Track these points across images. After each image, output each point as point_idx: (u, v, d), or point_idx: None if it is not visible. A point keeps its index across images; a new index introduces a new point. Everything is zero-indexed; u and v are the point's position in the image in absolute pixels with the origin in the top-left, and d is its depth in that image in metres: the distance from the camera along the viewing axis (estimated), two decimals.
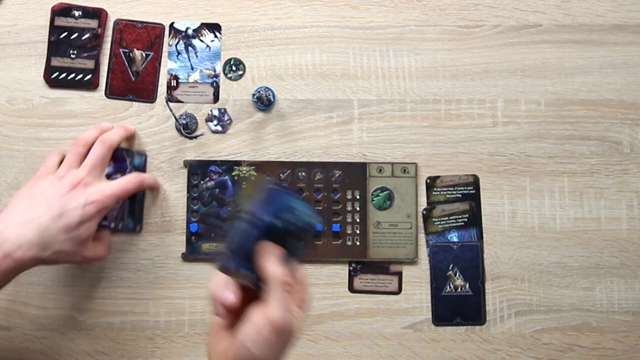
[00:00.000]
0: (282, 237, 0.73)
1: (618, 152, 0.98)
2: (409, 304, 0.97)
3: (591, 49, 0.99)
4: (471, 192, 0.98)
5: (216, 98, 0.98)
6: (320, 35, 0.99)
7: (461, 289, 0.97)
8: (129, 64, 0.98)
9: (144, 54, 0.98)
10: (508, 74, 0.98)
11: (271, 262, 0.71)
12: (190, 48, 0.98)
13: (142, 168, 0.95)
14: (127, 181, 0.90)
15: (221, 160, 0.97)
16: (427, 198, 0.98)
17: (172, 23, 0.99)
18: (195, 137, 0.98)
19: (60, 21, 0.98)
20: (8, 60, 0.98)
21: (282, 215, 0.73)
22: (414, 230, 0.97)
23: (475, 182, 0.98)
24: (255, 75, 0.98)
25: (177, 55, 0.98)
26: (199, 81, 0.98)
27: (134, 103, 0.98)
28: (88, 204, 0.86)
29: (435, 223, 0.97)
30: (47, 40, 0.98)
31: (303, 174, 0.97)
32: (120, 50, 0.98)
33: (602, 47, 0.99)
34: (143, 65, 0.98)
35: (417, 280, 0.97)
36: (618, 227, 0.97)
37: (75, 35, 0.98)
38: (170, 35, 0.99)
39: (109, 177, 0.92)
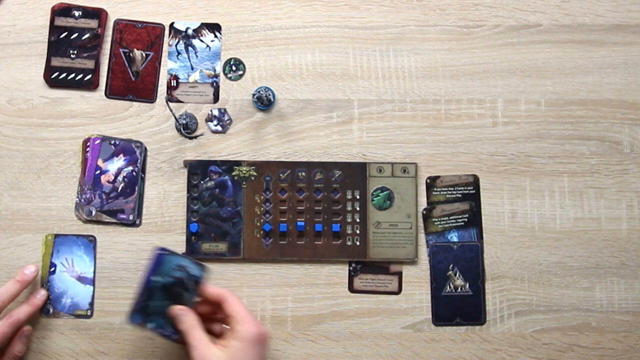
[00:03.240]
0: (177, 291, 0.89)
1: (618, 152, 0.98)
2: (409, 304, 0.97)
3: (591, 49, 0.99)
4: (471, 192, 0.98)
5: (216, 98, 0.98)
6: (320, 35, 0.99)
7: (461, 289, 0.97)
8: (129, 64, 0.98)
9: (144, 54, 0.98)
10: (508, 74, 0.98)
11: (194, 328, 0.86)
12: (190, 48, 0.98)
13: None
14: (0, 327, 0.89)
15: (221, 160, 0.97)
16: (427, 198, 0.98)
17: (172, 23, 0.99)
18: (195, 137, 0.98)
19: (60, 21, 0.98)
20: (8, 60, 0.98)
21: (173, 274, 0.89)
22: (414, 230, 0.97)
23: (475, 182, 0.98)
24: (255, 75, 0.98)
25: (177, 55, 0.98)
26: (199, 81, 0.98)
27: (134, 103, 0.98)
28: None
29: (435, 223, 0.97)
30: (47, 40, 0.98)
31: (303, 174, 0.97)
32: (120, 50, 0.98)
33: (602, 47, 0.99)
34: (143, 65, 0.98)
35: (417, 280, 0.97)
36: (618, 227, 0.97)
37: (75, 35, 0.98)
38: (170, 35, 0.99)
39: (121, 170, 0.94)
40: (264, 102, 0.97)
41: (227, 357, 0.83)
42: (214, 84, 0.98)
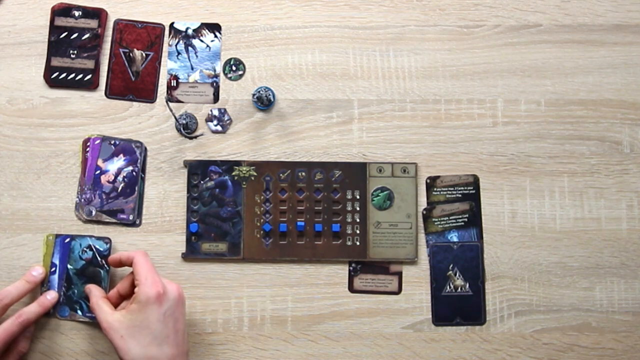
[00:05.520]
0: (92, 271, 0.94)
1: (618, 152, 0.98)
2: (409, 304, 0.97)
3: (591, 49, 0.99)
4: (471, 192, 0.98)
5: (216, 98, 0.98)
6: (320, 35, 0.99)
7: (461, 289, 0.97)
8: (129, 64, 0.98)
9: (144, 54, 0.98)
10: (508, 74, 0.98)
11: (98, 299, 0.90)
12: (190, 48, 0.98)
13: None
14: (9, 325, 0.89)
15: (221, 160, 0.97)
16: (427, 198, 0.98)
17: (172, 23, 0.99)
18: (195, 137, 0.98)
19: (60, 21, 0.98)
20: (8, 60, 0.98)
21: (83, 256, 0.93)
22: (414, 230, 0.97)
23: (475, 182, 0.98)
24: (255, 75, 0.98)
25: (177, 55, 0.98)
26: (199, 81, 0.98)
27: (134, 103, 0.98)
28: None
29: (435, 223, 0.97)
30: (47, 40, 0.98)
31: (303, 174, 0.97)
32: (120, 50, 0.98)
33: (602, 47, 0.99)
34: (143, 65, 0.98)
35: (417, 280, 0.97)
36: (618, 227, 0.97)
37: (75, 35, 0.98)
38: (170, 35, 0.99)
39: (121, 170, 0.94)
40: (264, 102, 0.97)
41: (127, 320, 0.86)
42: (214, 84, 0.98)
